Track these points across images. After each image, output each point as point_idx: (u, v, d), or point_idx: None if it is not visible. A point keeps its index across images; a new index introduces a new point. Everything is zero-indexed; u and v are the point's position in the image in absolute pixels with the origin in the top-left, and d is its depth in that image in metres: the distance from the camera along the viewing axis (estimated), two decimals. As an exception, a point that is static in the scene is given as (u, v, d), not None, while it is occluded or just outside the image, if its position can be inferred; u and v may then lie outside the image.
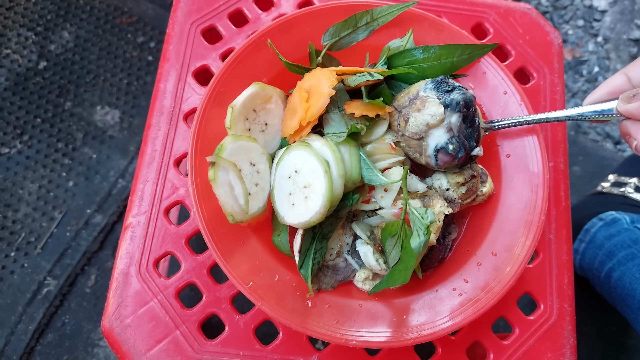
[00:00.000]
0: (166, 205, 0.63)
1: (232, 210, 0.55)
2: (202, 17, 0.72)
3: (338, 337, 0.53)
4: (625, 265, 0.95)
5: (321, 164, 0.54)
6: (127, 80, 1.40)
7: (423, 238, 0.48)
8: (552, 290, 0.64)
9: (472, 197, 0.59)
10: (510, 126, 0.60)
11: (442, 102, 0.54)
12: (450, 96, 0.54)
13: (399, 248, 0.52)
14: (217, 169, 0.54)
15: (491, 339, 0.62)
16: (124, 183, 1.29)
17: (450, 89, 0.55)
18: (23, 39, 1.40)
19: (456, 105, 0.54)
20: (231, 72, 0.62)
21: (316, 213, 0.54)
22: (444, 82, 0.56)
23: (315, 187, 0.54)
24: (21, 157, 1.29)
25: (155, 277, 0.60)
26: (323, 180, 0.54)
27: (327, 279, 0.59)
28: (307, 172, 0.55)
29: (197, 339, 0.59)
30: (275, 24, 0.64)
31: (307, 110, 0.58)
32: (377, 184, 0.54)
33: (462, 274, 0.58)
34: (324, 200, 0.53)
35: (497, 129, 0.61)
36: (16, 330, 1.14)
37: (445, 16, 0.74)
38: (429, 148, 0.56)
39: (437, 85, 0.55)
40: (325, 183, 0.53)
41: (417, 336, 0.54)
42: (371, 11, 0.65)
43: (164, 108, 0.67)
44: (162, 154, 0.65)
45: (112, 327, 0.58)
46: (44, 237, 1.23)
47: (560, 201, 0.68)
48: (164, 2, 1.49)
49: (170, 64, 0.69)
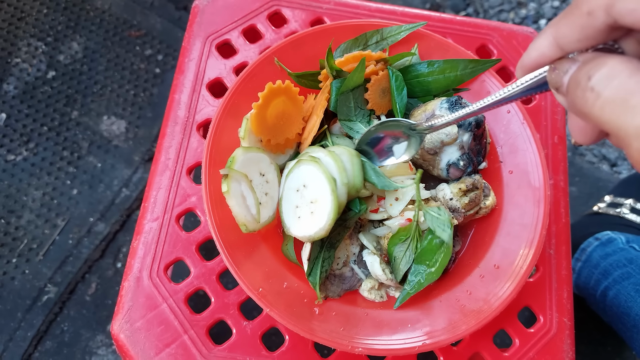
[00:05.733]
0: (178, 212, 0.65)
1: (245, 220, 0.57)
2: (217, 32, 0.75)
3: (344, 343, 0.54)
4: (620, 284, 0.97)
5: (329, 183, 0.55)
6: (134, 91, 1.42)
7: (449, 230, 0.50)
8: (552, 304, 0.66)
9: (475, 208, 0.61)
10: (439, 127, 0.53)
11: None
12: None
13: (412, 252, 0.54)
14: (230, 181, 0.56)
15: (492, 350, 0.64)
16: (127, 192, 1.31)
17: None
18: (33, 48, 1.43)
19: (468, 125, 0.58)
20: (245, 86, 0.64)
21: (320, 229, 0.55)
22: (457, 102, 0.59)
23: (321, 204, 0.56)
24: (26, 164, 1.30)
25: (165, 282, 0.62)
26: (329, 199, 0.55)
27: (334, 288, 0.60)
28: (315, 188, 0.57)
29: (205, 344, 0.60)
30: (287, 41, 0.67)
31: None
32: (392, 188, 0.56)
33: (465, 285, 0.60)
34: (329, 217, 0.55)
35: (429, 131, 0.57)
36: (15, 336, 1.14)
37: (450, 37, 0.77)
38: (441, 162, 0.60)
39: (451, 105, 0.59)
40: (332, 202, 0.55)
41: (421, 345, 0.55)
42: (381, 31, 0.68)
43: (178, 118, 0.69)
44: (175, 162, 0.67)
45: (122, 329, 0.59)
46: (46, 244, 1.24)
47: (561, 218, 0.70)
48: (172, 17, 1.52)
49: (185, 76, 0.72)
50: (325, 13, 0.78)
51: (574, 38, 0.32)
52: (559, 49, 0.33)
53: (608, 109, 0.27)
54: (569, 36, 0.32)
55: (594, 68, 0.29)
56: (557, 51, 0.33)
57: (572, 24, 0.31)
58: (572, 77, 0.31)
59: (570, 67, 0.32)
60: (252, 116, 0.58)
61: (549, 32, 0.33)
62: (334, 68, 0.63)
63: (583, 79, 0.29)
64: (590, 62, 0.30)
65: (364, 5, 0.78)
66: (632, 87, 0.26)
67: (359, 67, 0.61)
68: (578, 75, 0.30)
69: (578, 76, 0.30)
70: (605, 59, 0.29)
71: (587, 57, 0.31)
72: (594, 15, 0.29)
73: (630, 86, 0.26)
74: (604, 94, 0.27)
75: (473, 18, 0.80)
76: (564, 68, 0.32)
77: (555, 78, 0.33)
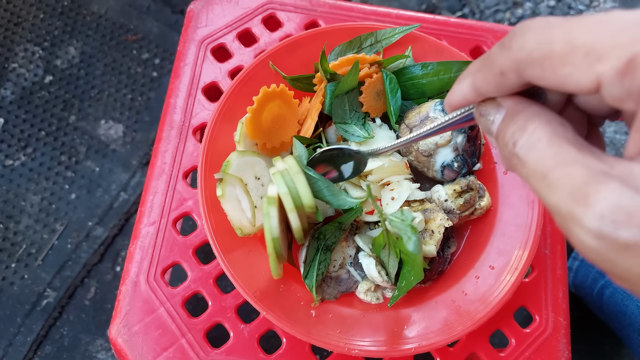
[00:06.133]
0: (174, 216, 0.65)
1: (240, 223, 0.57)
2: (212, 35, 0.75)
3: (341, 346, 0.55)
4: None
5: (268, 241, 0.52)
6: (131, 95, 1.42)
7: (414, 237, 0.50)
8: (547, 304, 0.66)
9: (470, 209, 0.61)
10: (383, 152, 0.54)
11: None
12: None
13: (394, 256, 0.54)
14: (224, 185, 0.56)
15: (488, 350, 0.64)
16: (125, 196, 1.31)
17: (458, 111, 0.58)
18: (30, 53, 1.43)
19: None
20: (240, 89, 0.64)
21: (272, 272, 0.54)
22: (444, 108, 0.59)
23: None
24: (24, 169, 1.30)
25: (162, 286, 0.62)
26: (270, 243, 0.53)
27: (330, 290, 0.61)
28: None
29: (203, 347, 0.60)
30: (282, 44, 0.67)
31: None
32: (346, 207, 0.57)
33: (460, 286, 0.60)
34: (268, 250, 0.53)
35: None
36: (14, 341, 1.14)
37: (445, 39, 0.78)
38: (436, 164, 0.60)
39: None
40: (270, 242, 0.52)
41: (417, 346, 0.56)
42: (375, 33, 0.68)
43: (174, 122, 0.69)
44: (172, 166, 0.67)
45: (120, 334, 0.59)
46: (44, 248, 1.24)
47: (555, 218, 0.70)
48: (168, 21, 1.52)
49: (180, 80, 0.72)
50: (320, 16, 0.78)
51: (490, 90, 0.31)
52: (480, 95, 0.33)
53: (532, 180, 0.27)
54: (486, 88, 0.31)
55: (517, 133, 0.28)
56: (478, 96, 0.33)
57: (486, 80, 0.31)
58: (500, 133, 0.30)
59: (495, 115, 0.31)
60: (247, 120, 0.58)
61: (468, 80, 0.33)
62: (328, 71, 0.63)
63: (509, 143, 0.29)
64: (514, 119, 0.29)
65: (358, 8, 0.79)
66: (548, 161, 0.26)
67: (352, 70, 0.61)
68: (505, 135, 0.29)
69: (505, 137, 0.29)
70: (526, 122, 0.28)
71: (510, 107, 0.30)
72: (506, 75, 0.29)
73: (547, 160, 0.26)
74: (527, 165, 0.27)
75: (467, 20, 0.80)
76: (489, 114, 0.32)
77: (485, 124, 0.33)
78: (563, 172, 0.24)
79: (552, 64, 0.26)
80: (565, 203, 0.24)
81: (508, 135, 0.29)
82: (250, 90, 0.64)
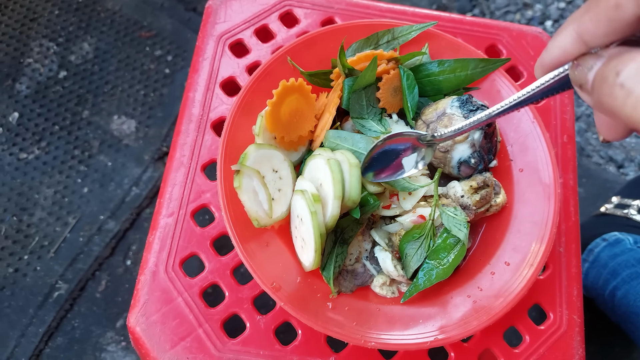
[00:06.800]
0: (193, 208, 0.66)
1: (257, 215, 0.58)
2: (230, 31, 0.76)
3: (357, 338, 0.55)
4: (629, 284, 0.97)
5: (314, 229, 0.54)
6: (144, 91, 1.44)
7: (465, 230, 0.51)
8: (562, 302, 0.66)
9: (486, 206, 0.62)
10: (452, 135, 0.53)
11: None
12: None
13: (424, 249, 0.55)
14: (241, 177, 0.57)
15: (502, 346, 0.64)
16: (137, 191, 1.32)
17: (475, 108, 0.59)
18: (45, 49, 1.44)
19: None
20: (258, 84, 0.65)
21: (310, 264, 0.57)
22: (468, 101, 0.59)
23: (308, 244, 0.56)
24: (38, 162, 1.32)
25: (181, 276, 0.63)
26: (312, 242, 0.55)
27: (347, 283, 0.61)
28: (304, 226, 0.57)
29: (219, 337, 0.61)
30: (299, 41, 0.68)
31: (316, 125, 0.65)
32: (411, 189, 0.57)
33: (476, 282, 0.61)
34: (313, 257, 0.56)
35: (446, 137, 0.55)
36: (27, 332, 1.16)
37: (460, 37, 0.78)
38: (452, 160, 0.60)
39: (462, 104, 0.59)
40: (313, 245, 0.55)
41: (433, 340, 0.56)
42: (392, 30, 0.68)
43: (192, 116, 0.70)
44: (190, 159, 0.68)
45: (138, 322, 0.60)
46: (57, 241, 1.25)
47: (570, 216, 0.70)
48: (182, 18, 1.54)
49: (199, 74, 0.73)
50: (337, 13, 0.79)
51: (599, 32, 0.29)
52: (583, 44, 0.31)
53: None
54: (594, 31, 0.29)
55: (623, 63, 0.27)
56: (581, 47, 0.31)
57: (597, 18, 0.29)
58: (598, 73, 0.29)
59: (595, 63, 0.30)
60: (266, 113, 0.59)
61: (571, 28, 0.31)
62: (346, 66, 0.64)
63: (611, 74, 0.27)
64: (617, 58, 0.28)
65: (374, 6, 0.79)
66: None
67: (371, 66, 0.61)
68: (605, 71, 0.28)
69: (605, 72, 0.28)
70: (635, 54, 0.27)
71: (613, 52, 0.29)
72: (622, 7, 0.27)
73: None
74: (636, 92, 0.25)
75: (482, 18, 0.81)
76: (588, 64, 0.30)
77: (579, 75, 0.31)
78: None
79: None
80: None
81: (609, 69, 0.27)
82: (268, 85, 0.65)
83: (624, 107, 0.26)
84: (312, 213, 0.54)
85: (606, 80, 0.27)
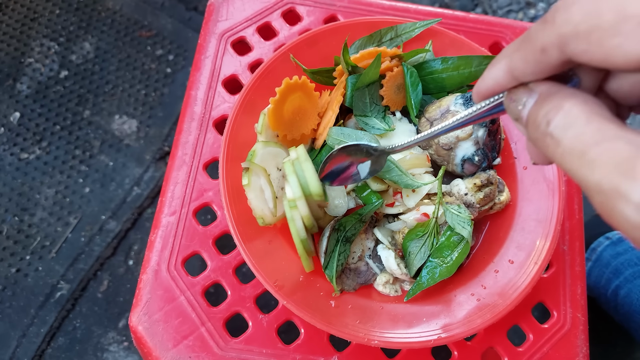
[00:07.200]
0: (195, 206, 0.66)
1: (263, 213, 0.58)
2: (232, 29, 0.76)
3: (361, 336, 0.55)
4: (632, 283, 0.97)
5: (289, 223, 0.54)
6: (145, 91, 1.43)
7: (469, 228, 0.50)
8: (566, 300, 0.66)
9: (489, 203, 0.61)
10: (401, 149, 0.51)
11: None
12: None
13: (427, 247, 0.54)
14: (250, 174, 0.57)
15: (506, 345, 0.64)
16: (138, 191, 1.32)
17: None
18: (46, 49, 1.44)
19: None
20: (261, 82, 0.65)
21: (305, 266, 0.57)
22: (472, 98, 0.59)
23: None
24: (39, 162, 1.32)
25: (183, 275, 0.62)
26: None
27: (350, 281, 0.61)
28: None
29: (222, 336, 0.60)
30: (302, 38, 0.68)
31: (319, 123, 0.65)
32: (414, 187, 0.57)
33: (480, 280, 0.60)
34: (298, 251, 0.56)
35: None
36: (28, 332, 1.15)
37: (463, 34, 0.78)
38: (456, 158, 0.60)
39: (466, 101, 0.59)
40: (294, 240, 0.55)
41: (437, 338, 0.56)
42: (395, 27, 0.68)
43: (194, 114, 0.70)
44: (192, 157, 0.68)
45: (140, 321, 0.60)
46: (58, 241, 1.25)
47: (574, 214, 0.70)
48: (182, 17, 1.53)
49: (201, 72, 0.73)
50: (339, 10, 0.79)
51: (528, 71, 0.31)
52: (514, 79, 0.32)
53: (568, 159, 0.26)
54: (523, 69, 0.31)
55: (552, 112, 0.28)
56: (512, 81, 0.32)
57: (526, 58, 0.30)
58: (531, 115, 0.30)
59: (527, 99, 0.31)
60: (269, 111, 0.58)
61: (503, 62, 0.32)
62: (350, 64, 0.63)
63: (542, 123, 0.28)
64: (547, 100, 0.29)
65: (377, 3, 0.79)
66: (588, 138, 0.25)
67: (374, 63, 0.61)
68: (537, 116, 0.29)
69: (537, 118, 0.29)
70: (562, 101, 0.28)
71: (544, 91, 0.30)
72: (547, 52, 0.28)
73: (587, 137, 0.25)
74: (563, 144, 0.26)
75: (486, 15, 0.81)
76: (520, 99, 0.32)
77: (514, 110, 0.32)
78: (605, 148, 0.24)
79: (600, 35, 0.25)
80: (609, 179, 0.23)
81: (541, 115, 0.29)
82: (271, 83, 0.65)
83: (554, 155, 0.27)
84: (289, 220, 0.54)
85: (538, 127, 0.28)
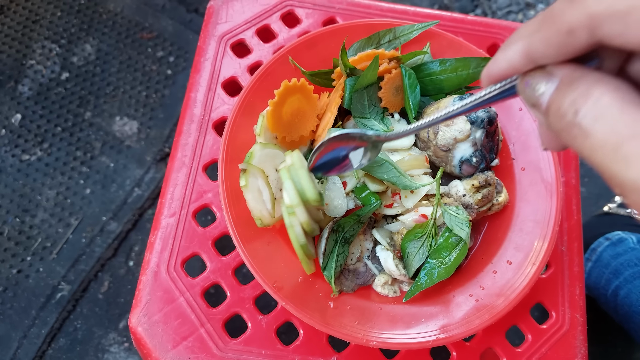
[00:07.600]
0: (194, 208, 0.66)
1: (261, 214, 0.58)
2: (231, 31, 0.76)
3: (359, 337, 0.55)
4: (632, 283, 0.97)
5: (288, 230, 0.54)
6: (146, 92, 1.44)
7: (467, 229, 0.51)
8: (564, 300, 0.66)
9: (487, 205, 0.62)
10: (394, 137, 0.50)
11: (468, 120, 0.59)
12: (476, 114, 0.58)
13: (426, 249, 0.55)
14: (247, 176, 0.57)
15: (505, 345, 0.64)
16: (139, 192, 1.32)
17: None
18: (47, 50, 1.45)
19: (481, 122, 0.59)
20: (260, 84, 0.65)
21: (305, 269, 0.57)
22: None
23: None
24: (40, 164, 1.32)
25: (182, 276, 0.63)
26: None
27: (348, 282, 0.61)
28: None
29: (221, 337, 0.61)
30: (301, 41, 0.68)
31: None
32: (414, 188, 0.57)
33: (478, 281, 0.61)
34: (299, 256, 0.55)
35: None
36: (29, 333, 1.16)
37: (461, 36, 0.78)
38: (454, 159, 0.60)
39: None
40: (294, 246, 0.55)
41: (435, 339, 0.56)
42: (394, 30, 0.68)
43: (194, 116, 0.70)
44: (192, 159, 0.68)
45: (140, 322, 0.60)
46: (59, 242, 1.25)
47: (572, 215, 0.70)
48: (183, 19, 1.54)
49: (200, 75, 0.73)
50: (338, 13, 0.79)
51: (549, 54, 0.27)
52: (531, 61, 0.29)
53: (599, 153, 0.24)
54: (544, 52, 0.27)
55: (579, 100, 0.25)
56: (528, 64, 0.29)
57: (547, 41, 0.27)
58: (554, 103, 0.27)
59: (546, 84, 0.28)
60: (268, 113, 0.59)
61: (520, 44, 0.29)
62: (348, 66, 0.64)
63: (569, 112, 0.25)
64: (572, 87, 0.26)
65: (376, 5, 0.79)
66: (622, 130, 0.23)
67: (372, 65, 0.61)
68: (561, 104, 0.26)
69: (562, 106, 0.26)
70: (590, 88, 0.25)
71: (565, 75, 0.27)
72: (574, 34, 0.25)
73: (621, 129, 0.23)
74: (593, 136, 0.24)
75: (484, 17, 0.81)
76: (538, 84, 0.29)
77: (530, 96, 0.29)
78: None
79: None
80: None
81: (566, 103, 0.26)
82: (270, 85, 0.65)
83: (582, 148, 0.25)
84: (288, 227, 0.54)
85: (563, 117, 0.26)
